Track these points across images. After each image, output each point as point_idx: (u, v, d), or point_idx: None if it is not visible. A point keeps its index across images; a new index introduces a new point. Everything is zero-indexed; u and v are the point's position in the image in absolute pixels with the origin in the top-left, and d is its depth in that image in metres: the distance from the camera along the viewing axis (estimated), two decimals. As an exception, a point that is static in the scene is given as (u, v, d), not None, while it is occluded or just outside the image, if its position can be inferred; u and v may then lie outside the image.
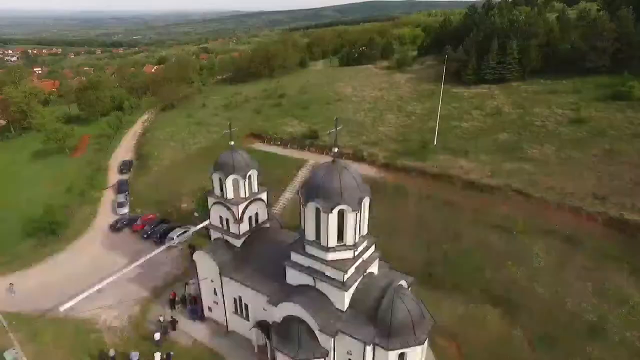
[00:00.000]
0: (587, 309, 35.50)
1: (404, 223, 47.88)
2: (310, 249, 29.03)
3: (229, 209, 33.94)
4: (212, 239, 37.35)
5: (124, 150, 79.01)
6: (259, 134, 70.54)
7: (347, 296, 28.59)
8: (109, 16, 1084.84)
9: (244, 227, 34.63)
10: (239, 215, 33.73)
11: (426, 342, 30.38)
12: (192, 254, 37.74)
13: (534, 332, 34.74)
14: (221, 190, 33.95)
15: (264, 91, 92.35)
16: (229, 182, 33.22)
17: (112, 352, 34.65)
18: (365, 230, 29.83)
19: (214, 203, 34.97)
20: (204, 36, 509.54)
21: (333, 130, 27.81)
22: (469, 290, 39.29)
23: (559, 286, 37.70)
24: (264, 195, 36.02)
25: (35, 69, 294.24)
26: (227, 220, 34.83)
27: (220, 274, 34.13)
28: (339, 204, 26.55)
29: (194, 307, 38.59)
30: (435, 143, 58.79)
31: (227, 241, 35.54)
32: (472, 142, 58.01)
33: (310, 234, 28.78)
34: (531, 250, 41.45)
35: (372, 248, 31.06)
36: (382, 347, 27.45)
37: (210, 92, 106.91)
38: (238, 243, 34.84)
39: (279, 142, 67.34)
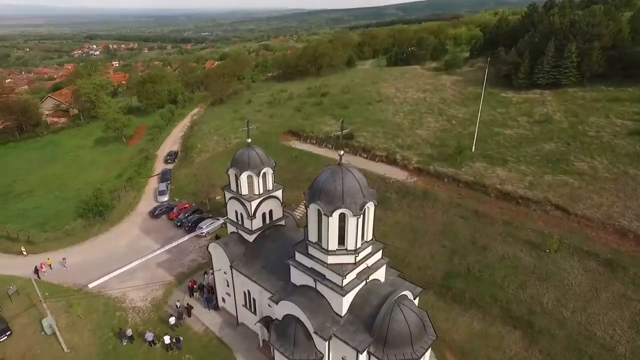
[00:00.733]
0: (620, 341, 32.20)
1: (429, 231, 46.28)
2: (312, 251, 29.01)
3: (242, 204, 34.85)
4: (228, 232, 38.60)
5: (172, 141, 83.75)
6: (297, 132, 71.34)
7: (346, 301, 28.23)
8: (181, 14, 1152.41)
9: (257, 223, 35.35)
10: (252, 211, 34.48)
11: (427, 357, 29.28)
12: (214, 245, 39.11)
13: (553, 360, 32.16)
14: (236, 185, 34.92)
15: (308, 89, 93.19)
16: (243, 178, 34.06)
17: (129, 332, 37.11)
18: (370, 236, 29.19)
19: (230, 198, 36.07)
20: (267, 33, 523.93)
21: (339, 132, 27.56)
22: (489, 307, 37.20)
23: (589, 313, 34.52)
24: (278, 193, 36.46)
25: (113, 63, 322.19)
26: (241, 215, 35.78)
27: (231, 266, 35.22)
28: (339, 207, 26.23)
29: (209, 296, 40.16)
30: (473, 149, 55.97)
31: (241, 235, 36.53)
32: (513, 151, 54.48)
33: (312, 236, 28.75)
34: (564, 271, 38.33)
35: (379, 255, 30.30)
36: (377, 358, 26.88)
37: (258, 89, 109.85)
38: (251, 238, 35.65)
39: (314, 141, 67.72)
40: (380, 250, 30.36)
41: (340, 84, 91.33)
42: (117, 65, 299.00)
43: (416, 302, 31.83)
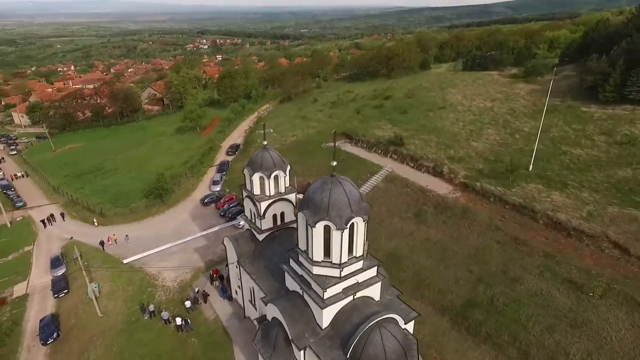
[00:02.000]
0: (656, 416, 26.86)
1: (459, 252, 42.99)
2: (301, 259, 29.05)
3: (255, 204, 36.00)
4: (245, 228, 40.16)
5: (238, 134, 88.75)
6: (350, 134, 70.73)
7: (326, 314, 27.78)
8: (286, 11, 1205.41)
9: (267, 223, 36.25)
10: (261, 211, 35.45)
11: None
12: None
13: (566, 422, 28.05)
14: (250, 185, 36.15)
15: (374, 91, 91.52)
16: (255, 179, 35.13)
17: (151, 307, 40.79)
18: (360, 252, 28.21)
19: (246, 196, 37.48)
20: (362, 32, 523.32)
21: (330, 144, 27.02)
22: (505, 346, 33.59)
23: (625, 376, 29.31)
24: (291, 197, 36.87)
25: (217, 56, 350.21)
26: (254, 214, 36.98)
27: (238, 262, 36.69)
28: (323, 219, 25.87)
29: (225, 286, 42.27)
30: (530, 168, 50.32)
31: (253, 234, 37.79)
32: (577, 174, 47.73)
33: (302, 244, 28.76)
34: (605, 321, 33.00)
35: (372, 272, 29.22)
36: (348, 377, 26.08)
37: (328, 88, 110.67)
38: (260, 237, 36.68)
39: (364, 145, 66.56)
40: (375, 268, 29.29)
41: (407, 87, 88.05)
42: (220, 58, 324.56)
43: (410, 327, 30.11)
